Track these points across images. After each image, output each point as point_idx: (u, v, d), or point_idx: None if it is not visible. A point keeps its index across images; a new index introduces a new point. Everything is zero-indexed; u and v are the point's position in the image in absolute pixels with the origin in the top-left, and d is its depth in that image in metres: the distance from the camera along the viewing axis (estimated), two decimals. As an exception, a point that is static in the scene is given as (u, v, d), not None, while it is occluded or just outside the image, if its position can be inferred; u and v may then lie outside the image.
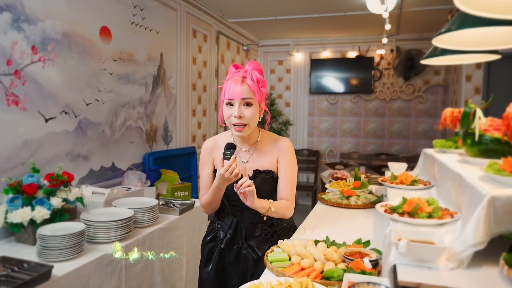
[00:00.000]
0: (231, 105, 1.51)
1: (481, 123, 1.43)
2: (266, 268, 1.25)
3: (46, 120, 2.32)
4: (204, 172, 1.66)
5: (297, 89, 6.34)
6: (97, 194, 2.45)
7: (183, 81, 3.98)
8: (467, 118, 1.51)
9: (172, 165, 3.53)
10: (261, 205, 1.50)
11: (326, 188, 2.51)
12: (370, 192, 2.32)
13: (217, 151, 1.63)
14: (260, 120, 1.58)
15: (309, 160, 6.10)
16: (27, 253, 1.83)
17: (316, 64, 6.11)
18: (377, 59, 5.89)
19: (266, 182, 1.58)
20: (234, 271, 1.63)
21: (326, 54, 6.10)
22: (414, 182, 1.86)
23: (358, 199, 2.14)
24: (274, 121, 6.24)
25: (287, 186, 1.59)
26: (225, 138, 1.66)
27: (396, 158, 5.35)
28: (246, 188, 1.40)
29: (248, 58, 5.96)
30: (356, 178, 2.55)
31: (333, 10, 4.51)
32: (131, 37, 3.08)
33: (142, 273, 2.19)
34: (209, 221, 1.77)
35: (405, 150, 5.88)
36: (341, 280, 1.08)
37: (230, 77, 1.53)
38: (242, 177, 1.48)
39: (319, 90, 6.14)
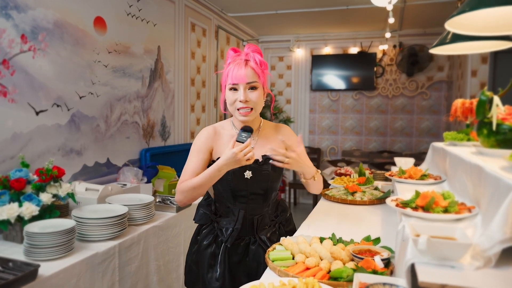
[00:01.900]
0: (235, 89, 1.44)
1: (499, 111, 1.33)
2: (268, 268, 1.15)
3: (37, 113, 2.22)
4: (196, 158, 1.49)
5: (298, 86, 6.23)
6: (91, 190, 2.35)
7: (182, 76, 3.87)
8: (483, 106, 1.41)
9: (170, 161, 3.43)
10: (311, 166, 1.52)
11: (329, 185, 2.40)
12: (376, 188, 2.22)
13: (218, 139, 1.53)
14: (264, 104, 1.52)
15: (310, 158, 5.97)
16: (15, 251, 1.73)
17: (317, 61, 6.00)
18: (379, 55, 5.78)
19: (275, 167, 1.50)
20: (240, 271, 1.51)
21: (327, 50, 6.00)
22: (423, 176, 1.76)
23: (363, 195, 2.04)
24: (274, 119, 6.14)
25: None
26: (225, 126, 1.57)
27: (399, 156, 5.24)
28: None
29: (248, 54, 5.85)
30: (361, 174, 2.45)
31: (335, 4, 4.40)
32: (127, 28, 2.97)
33: (137, 273, 2.09)
34: (198, 224, 1.63)
35: (408, 147, 5.77)
36: (350, 280, 0.98)
37: (232, 61, 1.46)
38: (254, 162, 1.43)
39: (320, 87, 6.04)
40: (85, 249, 1.80)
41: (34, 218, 1.80)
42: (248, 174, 1.47)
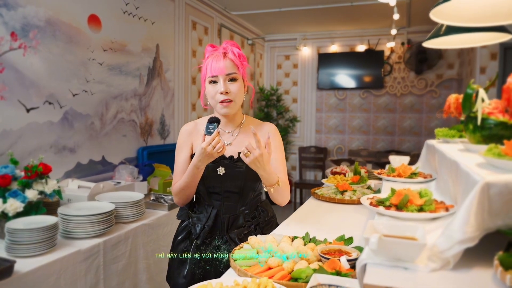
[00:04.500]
0: (215, 82, 1.43)
1: (485, 105, 1.26)
2: (230, 268, 1.11)
3: (28, 110, 2.23)
4: (180, 157, 1.52)
5: (305, 85, 6.16)
6: (83, 188, 2.35)
7: (182, 74, 3.86)
8: (469, 100, 1.34)
9: (169, 160, 3.39)
10: (272, 173, 1.37)
11: (323, 184, 2.34)
12: (369, 187, 2.15)
13: (197, 135, 1.52)
14: (244, 98, 1.51)
15: (316, 157, 5.92)
16: (-2, 248, 1.74)
17: (324, 59, 5.92)
18: (387, 53, 5.67)
19: None
20: (212, 270, 1.49)
21: (334, 48, 5.91)
22: (413, 175, 1.68)
23: (354, 194, 1.97)
24: (280, 118, 6.08)
25: (280, 170, 1.49)
26: (205, 121, 1.55)
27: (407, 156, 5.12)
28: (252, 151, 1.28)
29: (254, 53, 5.82)
30: (356, 172, 2.37)
31: (339, 1, 4.32)
32: (123, 26, 2.97)
33: (124, 271, 2.07)
34: (180, 220, 1.62)
35: (416, 147, 5.63)
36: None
37: (210, 55, 1.46)
38: (228, 158, 1.43)
39: (327, 86, 5.95)
40: (68, 246, 1.79)
41: (19, 215, 1.80)
42: (221, 170, 1.45)
